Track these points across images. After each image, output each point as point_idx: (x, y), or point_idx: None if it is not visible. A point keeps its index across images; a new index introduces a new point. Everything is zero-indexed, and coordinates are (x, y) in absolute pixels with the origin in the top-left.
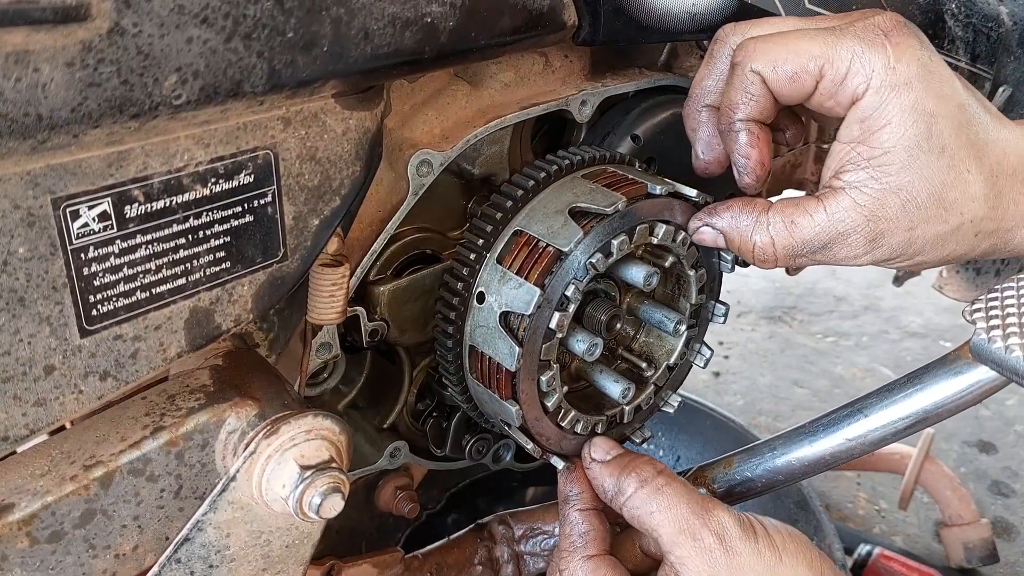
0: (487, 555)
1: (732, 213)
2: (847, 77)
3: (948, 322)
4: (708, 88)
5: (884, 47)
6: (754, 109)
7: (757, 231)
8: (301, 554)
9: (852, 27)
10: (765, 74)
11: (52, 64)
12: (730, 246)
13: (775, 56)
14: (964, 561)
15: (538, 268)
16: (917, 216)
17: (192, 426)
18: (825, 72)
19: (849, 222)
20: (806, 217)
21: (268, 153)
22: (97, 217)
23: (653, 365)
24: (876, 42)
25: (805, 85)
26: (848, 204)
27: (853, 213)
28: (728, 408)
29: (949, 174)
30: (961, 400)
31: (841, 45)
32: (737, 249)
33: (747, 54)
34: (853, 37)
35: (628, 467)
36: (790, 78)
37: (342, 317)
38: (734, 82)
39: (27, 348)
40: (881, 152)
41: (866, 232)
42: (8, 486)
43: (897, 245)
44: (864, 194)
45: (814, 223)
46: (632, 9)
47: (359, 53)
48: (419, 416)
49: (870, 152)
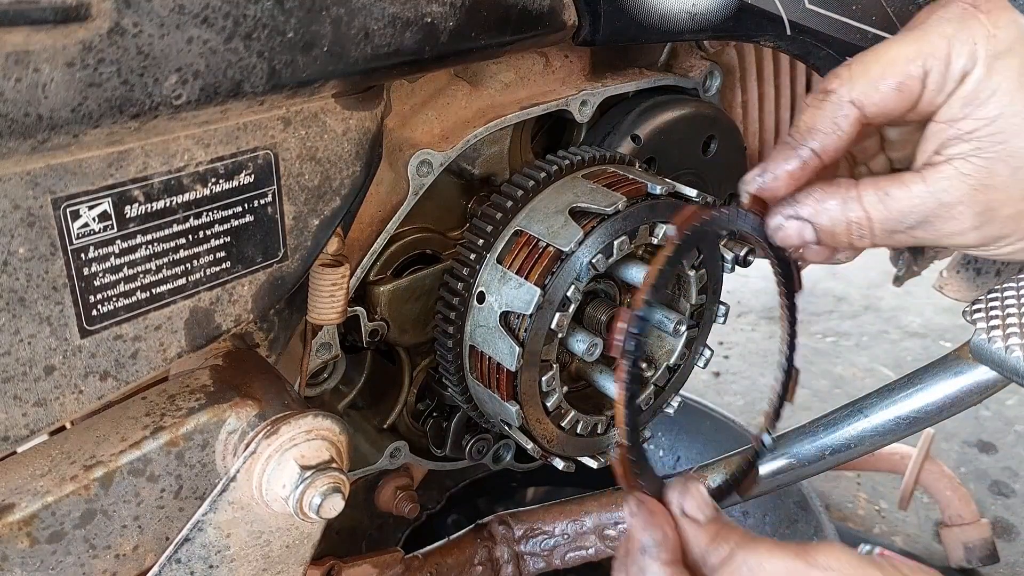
0: (487, 555)
1: (816, 197)
2: (951, 62)
3: (948, 322)
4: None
5: (977, 18)
6: (832, 142)
7: (850, 208)
8: (301, 554)
9: (937, 13)
10: (867, 99)
11: (52, 64)
12: (821, 234)
13: (873, 76)
14: (964, 561)
15: (538, 268)
16: None
17: (192, 426)
18: (929, 67)
19: (954, 192)
20: (902, 188)
21: (268, 153)
22: (97, 217)
23: (653, 365)
24: (967, 16)
25: (913, 91)
26: (951, 173)
27: (957, 183)
28: (728, 408)
29: None
30: (961, 400)
31: (934, 33)
32: (830, 235)
33: (842, 82)
34: (942, 22)
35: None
36: (896, 90)
37: (342, 317)
38: (824, 108)
39: (27, 348)
40: (987, 122)
41: (974, 203)
42: (8, 486)
43: (1008, 218)
44: (970, 163)
45: (911, 194)
46: (632, 9)
47: (359, 53)
48: (419, 416)
49: (974, 124)
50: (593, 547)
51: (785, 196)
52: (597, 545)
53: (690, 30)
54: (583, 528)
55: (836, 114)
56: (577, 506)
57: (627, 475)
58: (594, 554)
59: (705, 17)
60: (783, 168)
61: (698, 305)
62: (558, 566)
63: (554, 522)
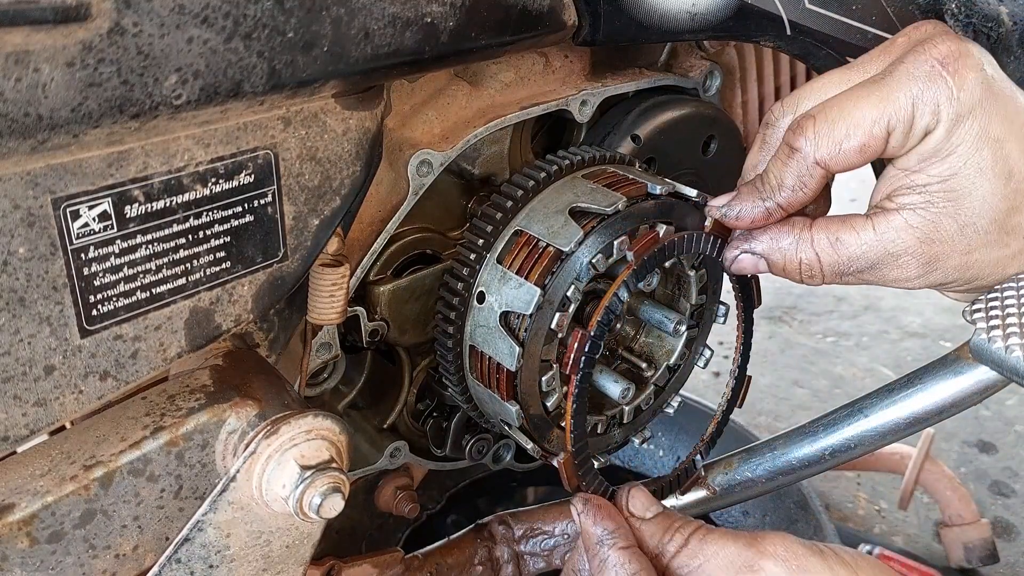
0: (487, 555)
1: (770, 235)
2: (914, 123)
3: (948, 322)
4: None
5: (943, 78)
6: (798, 199)
7: (802, 248)
8: (301, 554)
9: (903, 66)
10: (831, 160)
11: (52, 64)
12: (773, 269)
13: (837, 137)
14: (964, 561)
15: (538, 268)
16: (976, 240)
17: (192, 426)
18: (892, 127)
19: (900, 243)
20: (852, 234)
21: (268, 153)
22: (97, 217)
23: (653, 365)
24: (934, 75)
25: (875, 150)
26: (900, 224)
27: (904, 234)
28: None
29: (1015, 199)
30: (961, 400)
31: (899, 92)
32: (782, 271)
33: (807, 141)
34: (909, 78)
35: (671, 528)
36: (859, 151)
37: (342, 317)
38: (791, 166)
39: (27, 348)
40: (940, 180)
41: (920, 254)
42: (8, 486)
43: (953, 268)
44: (918, 216)
45: (860, 240)
46: (632, 9)
47: (359, 53)
48: (419, 416)
49: (927, 179)
50: None
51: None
52: None
53: (690, 30)
54: None
55: (802, 172)
56: None
57: (571, 478)
58: None
59: (705, 17)
60: (748, 212)
61: (698, 305)
62: (558, 566)
63: (554, 522)
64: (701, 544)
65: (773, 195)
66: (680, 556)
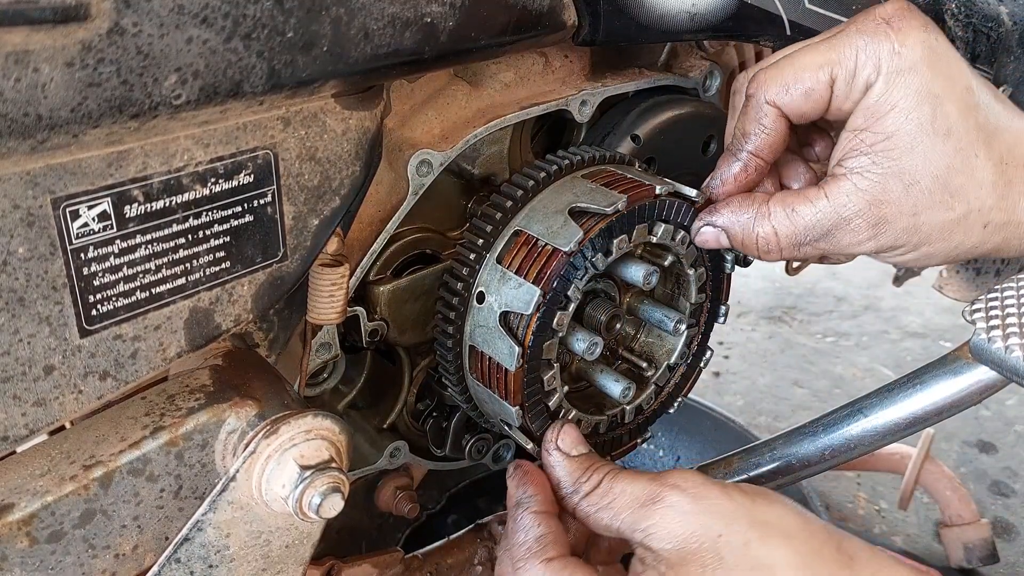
0: (487, 555)
1: (731, 209)
2: (856, 72)
3: (948, 322)
4: None
5: (887, 34)
6: (764, 142)
7: (759, 223)
8: (301, 554)
9: (852, 23)
10: (779, 101)
11: (52, 64)
12: (733, 243)
13: (785, 79)
14: (964, 561)
15: (538, 268)
16: (921, 201)
17: (192, 426)
18: (836, 75)
19: (851, 206)
20: (807, 204)
21: (268, 153)
22: (97, 217)
23: (653, 365)
24: (879, 31)
25: (821, 96)
26: (849, 189)
27: (854, 197)
28: (728, 408)
29: (955, 158)
30: (961, 400)
31: (844, 44)
32: (740, 244)
33: (759, 85)
34: (855, 33)
35: (590, 468)
36: (804, 94)
37: (342, 317)
38: (748, 112)
39: (27, 348)
40: (884, 137)
41: (869, 216)
42: (8, 486)
43: (902, 231)
44: (865, 179)
45: (815, 209)
46: (632, 9)
47: (359, 53)
48: (419, 416)
49: (873, 138)
50: None
51: (736, 197)
52: None
53: (690, 30)
54: None
55: (759, 115)
56: None
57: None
58: None
59: (705, 17)
60: (729, 173)
61: (698, 304)
62: None
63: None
64: (611, 483)
65: (742, 146)
66: (592, 496)
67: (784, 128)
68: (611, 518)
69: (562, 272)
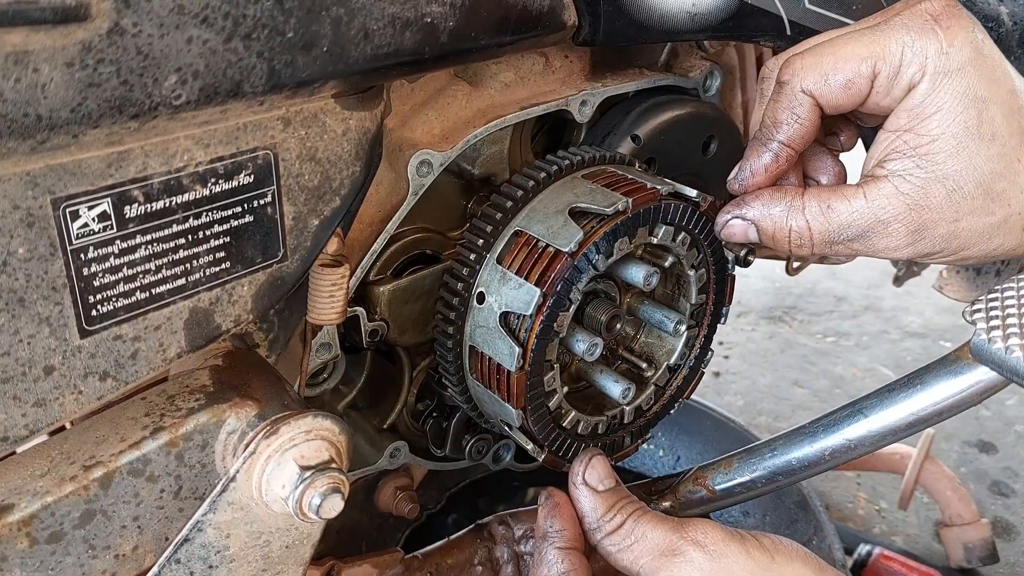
0: (487, 555)
1: (762, 202)
2: (901, 69)
3: (948, 322)
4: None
5: (935, 32)
6: (796, 132)
7: (793, 216)
8: (301, 554)
9: (898, 18)
10: (817, 91)
11: (52, 64)
12: (763, 237)
13: (824, 69)
14: (964, 561)
15: (538, 268)
16: (963, 207)
17: (192, 426)
18: (879, 70)
19: (890, 209)
20: (843, 202)
21: (268, 153)
22: (97, 217)
23: (653, 365)
24: (926, 28)
25: (860, 90)
26: (890, 191)
27: (895, 201)
28: (728, 408)
29: (1000, 162)
30: (961, 400)
31: (890, 38)
32: (771, 238)
33: (794, 72)
34: (901, 27)
35: (615, 507)
36: (844, 86)
37: (342, 317)
38: (781, 100)
39: (27, 348)
40: (929, 140)
41: (908, 221)
42: (8, 486)
43: (941, 237)
44: (908, 182)
45: (852, 208)
46: (632, 9)
47: (359, 53)
48: (419, 416)
49: (917, 140)
50: None
51: (763, 189)
52: None
53: (690, 30)
54: None
55: (792, 104)
56: None
57: (519, 395)
58: None
59: (705, 17)
60: (759, 163)
61: (698, 305)
62: None
63: None
64: (634, 526)
65: (773, 135)
66: (614, 536)
67: (817, 119)
68: (631, 561)
69: (566, 275)
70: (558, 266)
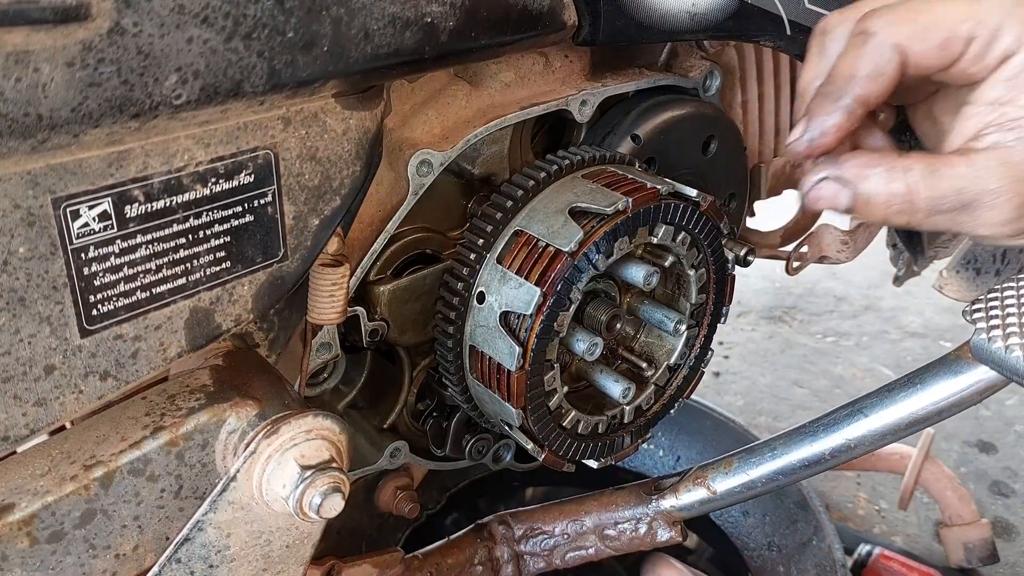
0: (487, 555)
1: (861, 161)
2: (998, 35)
3: (948, 322)
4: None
5: None
6: (874, 89)
7: (894, 177)
8: (301, 554)
9: None
10: (911, 46)
11: (52, 64)
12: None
13: (921, 23)
14: (964, 561)
15: (538, 268)
16: None
17: (192, 426)
18: (976, 33)
19: (996, 179)
20: (950, 168)
21: (268, 153)
22: (97, 217)
23: (653, 365)
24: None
25: (954, 52)
26: (994, 162)
27: (1001, 170)
28: (728, 408)
29: None
30: (961, 399)
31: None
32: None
33: (885, 24)
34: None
35: None
36: (940, 45)
37: (342, 317)
38: (864, 53)
39: (27, 348)
40: None
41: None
42: (8, 486)
43: None
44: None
45: (957, 174)
46: (632, 9)
47: (359, 53)
48: (419, 416)
49: (1017, 112)
50: (593, 547)
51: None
52: (597, 545)
53: (690, 30)
54: (583, 528)
55: (879, 59)
56: (577, 506)
57: (520, 395)
58: (594, 554)
59: (705, 17)
60: (829, 123)
61: (698, 304)
62: (558, 566)
63: (554, 522)
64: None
65: (847, 90)
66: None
67: (898, 78)
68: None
69: (566, 275)
70: (558, 266)
